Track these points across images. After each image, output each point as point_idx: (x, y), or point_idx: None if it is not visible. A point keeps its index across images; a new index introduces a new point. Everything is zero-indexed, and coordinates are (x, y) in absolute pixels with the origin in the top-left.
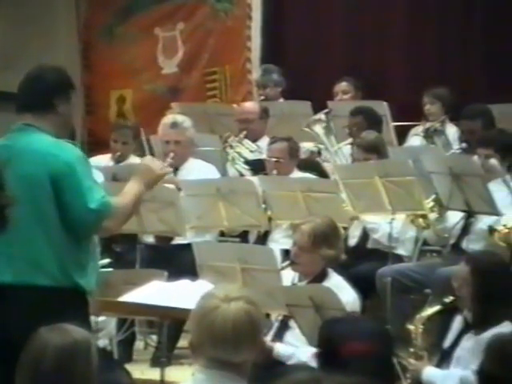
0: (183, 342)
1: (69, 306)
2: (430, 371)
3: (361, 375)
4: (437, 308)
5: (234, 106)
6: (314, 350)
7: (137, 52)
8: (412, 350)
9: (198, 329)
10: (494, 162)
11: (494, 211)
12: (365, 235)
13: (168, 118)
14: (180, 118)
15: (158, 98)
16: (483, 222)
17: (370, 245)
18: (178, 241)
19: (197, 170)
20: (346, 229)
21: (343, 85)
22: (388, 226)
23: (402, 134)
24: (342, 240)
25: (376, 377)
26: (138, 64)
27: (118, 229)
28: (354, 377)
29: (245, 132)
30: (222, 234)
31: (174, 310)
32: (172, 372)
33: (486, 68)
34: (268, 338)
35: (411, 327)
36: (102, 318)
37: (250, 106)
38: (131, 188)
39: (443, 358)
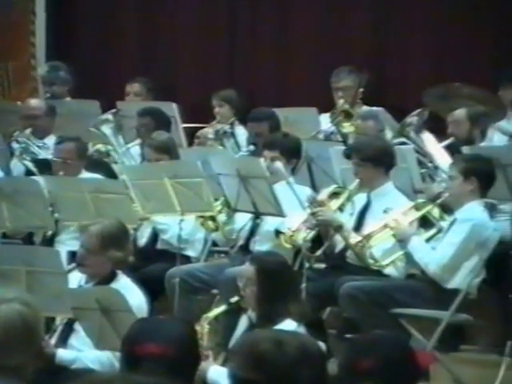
0: None
1: None
2: (215, 370)
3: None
4: (222, 308)
5: (19, 103)
6: (99, 353)
7: None
8: None
9: None
10: (278, 164)
11: (279, 212)
12: (154, 235)
13: None
14: None
15: None
16: (270, 224)
17: (159, 245)
18: None
19: None
20: (135, 229)
21: (135, 86)
22: (178, 226)
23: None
24: (131, 242)
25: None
26: None
27: None
28: (150, 377)
29: (30, 128)
30: (5, 235)
31: None
32: None
33: (276, 71)
34: (51, 342)
35: (197, 327)
36: None
37: (36, 102)
38: None
39: (229, 358)
